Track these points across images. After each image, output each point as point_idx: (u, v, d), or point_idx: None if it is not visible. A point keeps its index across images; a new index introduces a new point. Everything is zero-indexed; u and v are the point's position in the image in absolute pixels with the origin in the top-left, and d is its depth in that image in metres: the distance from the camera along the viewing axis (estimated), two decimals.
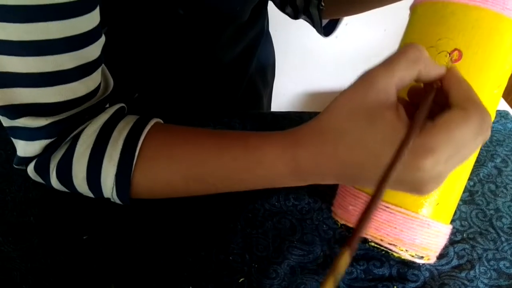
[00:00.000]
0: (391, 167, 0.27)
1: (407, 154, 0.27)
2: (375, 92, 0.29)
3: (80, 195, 0.42)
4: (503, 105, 0.74)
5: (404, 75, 0.29)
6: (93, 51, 0.37)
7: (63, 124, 0.37)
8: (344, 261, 0.22)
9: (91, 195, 0.41)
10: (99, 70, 0.39)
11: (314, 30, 0.70)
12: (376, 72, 0.30)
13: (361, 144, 0.30)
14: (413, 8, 0.42)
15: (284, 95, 1.44)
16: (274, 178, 0.36)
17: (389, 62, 0.30)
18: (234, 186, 0.39)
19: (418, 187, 0.30)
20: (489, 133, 0.30)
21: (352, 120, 0.30)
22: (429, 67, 0.30)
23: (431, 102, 0.30)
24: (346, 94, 0.31)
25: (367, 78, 0.30)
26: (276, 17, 0.76)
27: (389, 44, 1.22)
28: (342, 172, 0.32)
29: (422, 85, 0.33)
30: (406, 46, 0.30)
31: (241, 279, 0.42)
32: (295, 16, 0.67)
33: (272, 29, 0.79)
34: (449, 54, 0.37)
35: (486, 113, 0.29)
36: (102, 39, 0.38)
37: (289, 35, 1.18)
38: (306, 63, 1.35)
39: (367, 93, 0.29)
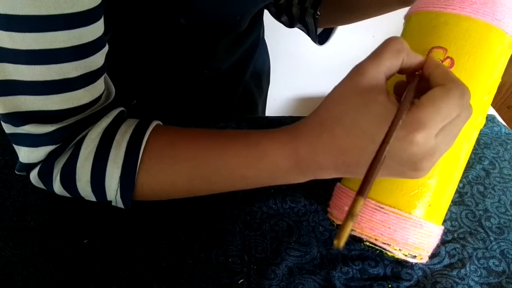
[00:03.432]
0: (388, 134, 0.29)
1: (399, 130, 0.29)
2: (366, 79, 0.32)
3: (81, 199, 0.43)
4: (489, 110, 0.77)
5: (391, 64, 0.32)
6: (97, 59, 0.37)
7: (68, 130, 0.38)
8: (358, 206, 0.25)
9: (93, 199, 0.41)
10: (102, 78, 0.39)
11: (304, 37, 0.71)
12: (366, 63, 0.33)
13: (356, 126, 0.32)
14: (407, 17, 0.44)
15: (275, 99, 1.45)
16: (275, 173, 0.37)
17: (376, 54, 0.33)
18: (237, 184, 0.40)
19: (414, 165, 0.32)
20: (471, 110, 0.32)
21: (346, 104, 0.32)
22: (411, 55, 0.33)
23: (415, 86, 0.33)
24: (340, 85, 0.34)
25: (358, 69, 0.33)
26: (267, 24, 0.77)
27: None
28: (340, 161, 0.34)
29: (405, 80, 0.36)
30: (388, 39, 0.33)
31: (241, 281, 0.43)
32: (290, 25, 0.68)
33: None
34: (442, 62, 0.38)
35: (465, 88, 0.31)
36: (106, 48, 0.39)
37: (280, 41, 1.19)
38: (297, 69, 1.36)
39: (359, 80, 0.32)
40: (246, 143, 0.38)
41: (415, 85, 0.33)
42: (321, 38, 0.68)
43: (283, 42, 1.23)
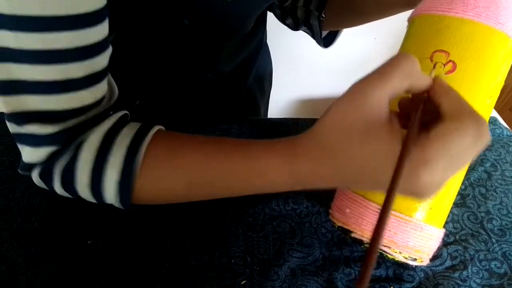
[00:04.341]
0: (393, 185, 0.26)
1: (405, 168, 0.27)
2: (368, 107, 0.29)
3: (84, 200, 0.43)
4: (492, 112, 0.77)
5: (398, 86, 0.30)
6: (101, 61, 0.37)
7: (69, 132, 0.38)
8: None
9: (94, 201, 0.41)
10: (106, 79, 0.40)
11: (305, 39, 0.72)
12: (371, 82, 0.30)
13: (359, 159, 0.30)
14: (410, 20, 0.44)
15: (277, 101, 1.45)
16: (275, 187, 0.37)
17: (383, 74, 0.29)
18: (235, 193, 0.40)
19: (419, 195, 0.30)
20: (488, 137, 0.30)
21: (348, 139, 0.30)
22: (420, 80, 0.31)
23: (421, 113, 0.31)
24: (340, 106, 0.31)
25: (361, 90, 0.30)
26: (269, 27, 0.78)
27: (379, 51, 1.25)
28: (342, 179, 0.33)
29: (410, 96, 0.34)
30: (399, 57, 0.30)
31: (243, 282, 0.43)
32: (295, 27, 0.68)
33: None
34: (444, 66, 0.38)
35: (481, 121, 0.29)
36: (110, 49, 0.39)
37: (281, 44, 1.19)
38: (298, 71, 1.36)
39: (361, 107, 0.30)
40: (246, 156, 0.37)
41: (420, 113, 0.31)
42: (326, 40, 0.68)
43: (285, 44, 1.23)
